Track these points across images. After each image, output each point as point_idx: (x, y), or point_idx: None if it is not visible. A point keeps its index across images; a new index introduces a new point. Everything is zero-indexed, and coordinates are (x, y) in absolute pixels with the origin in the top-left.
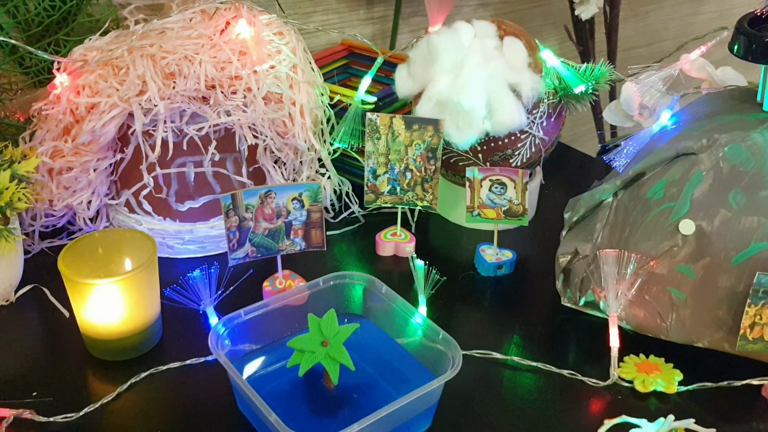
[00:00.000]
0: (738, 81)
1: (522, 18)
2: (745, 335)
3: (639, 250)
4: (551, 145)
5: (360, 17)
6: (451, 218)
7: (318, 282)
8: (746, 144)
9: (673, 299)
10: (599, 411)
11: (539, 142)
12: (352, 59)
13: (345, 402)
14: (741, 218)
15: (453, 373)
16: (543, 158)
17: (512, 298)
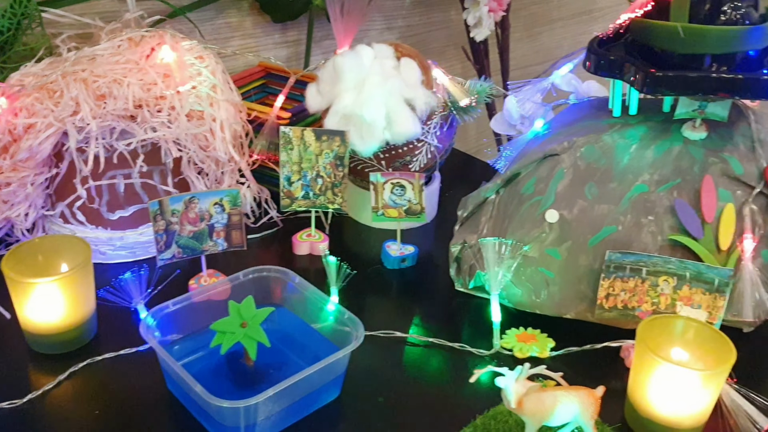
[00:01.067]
0: (600, 93)
1: (425, 40)
2: (602, 305)
3: (514, 237)
4: (445, 151)
5: (275, 41)
6: (360, 219)
7: (238, 276)
8: (598, 145)
9: (545, 277)
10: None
11: (434, 149)
12: (268, 79)
13: (263, 377)
14: (594, 207)
15: (355, 345)
16: (438, 163)
17: (414, 286)
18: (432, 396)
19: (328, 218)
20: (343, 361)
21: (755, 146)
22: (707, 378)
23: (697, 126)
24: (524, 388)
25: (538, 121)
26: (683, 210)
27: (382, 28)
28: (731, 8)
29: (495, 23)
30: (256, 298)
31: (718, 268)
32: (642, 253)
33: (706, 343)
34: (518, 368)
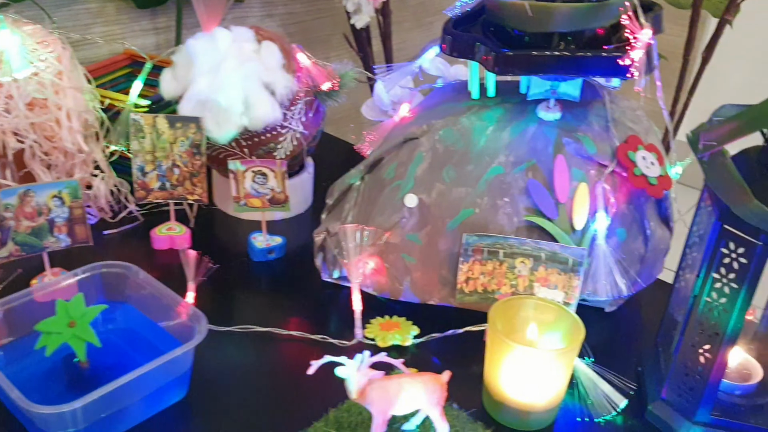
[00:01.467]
0: (468, 76)
1: (310, 28)
2: (462, 289)
3: (375, 224)
4: (313, 138)
5: (143, 27)
6: (229, 211)
7: (77, 272)
8: (456, 127)
9: (406, 264)
10: None
11: (300, 136)
12: (135, 68)
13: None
14: (452, 190)
15: (197, 341)
16: (307, 150)
17: (282, 279)
18: (287, 391)
19: (193, 210)
20: (185, 359)
21: (609, 126)
22: (556, 357)
23: (551, 106)
24: (366, 378)
25: (404, 105)
26: (536, 190)
27: (261, 15)
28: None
29: (376, 10)
30: (98, 294)
31: (571, 248)
32: (498, 235)
33: (558, 323)
34: (358, 357)
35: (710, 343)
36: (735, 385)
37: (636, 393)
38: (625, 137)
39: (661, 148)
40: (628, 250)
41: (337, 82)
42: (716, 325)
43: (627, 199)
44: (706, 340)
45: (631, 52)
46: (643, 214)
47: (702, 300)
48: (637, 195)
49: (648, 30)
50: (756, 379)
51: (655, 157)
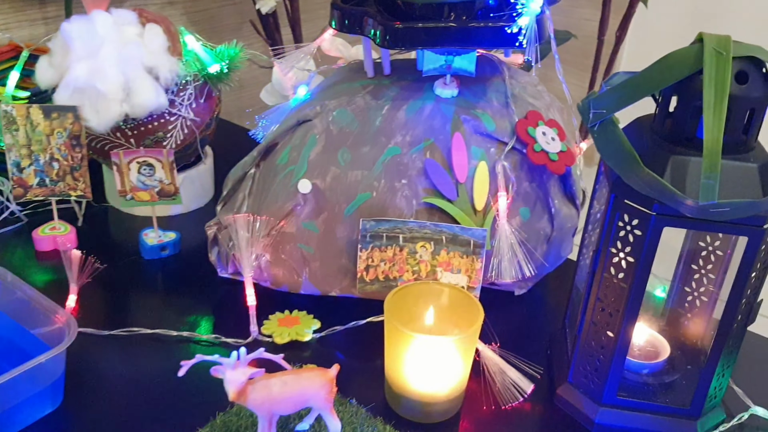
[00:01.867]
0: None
1: (217, 16)
2: (363, 278)
3: (269, 213)
4: (206, 126)
5: (31, 18)
6: (122, 208)
7: None
8: (351, 107)
9: (304, 254)
10: None
11: (191, 123)
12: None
13: None
14: (348, 173)
15: (63, 346)
16: (202, 140)
17: (177, 277)
18: (173, 396)
19: (82, 207)
20: (55, 366)
21: (509, 102)
22: (454, 344)
23: (448, 83)
24: (244, 377)
25: (301, 88)
26: (435, 171)
27: (162, 2)
28: None
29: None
30: None
31: (472, 229)
32: (397, 219)
33: (457, 307)
34: (233, 354)
35: (611, 320)
36: (642, 363)
37: (545, 378)
38: (525, 113)
39: (564, 124)
40: (532, 230)
41: (226, 63)
42: (616, 302)
43: (529, 176)
44: (607, 317)
45: (518, 20)
46: (546, 192)
47: (600, 276)
48: (539, 172)
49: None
50: (664, 356)
51: (556, 133)
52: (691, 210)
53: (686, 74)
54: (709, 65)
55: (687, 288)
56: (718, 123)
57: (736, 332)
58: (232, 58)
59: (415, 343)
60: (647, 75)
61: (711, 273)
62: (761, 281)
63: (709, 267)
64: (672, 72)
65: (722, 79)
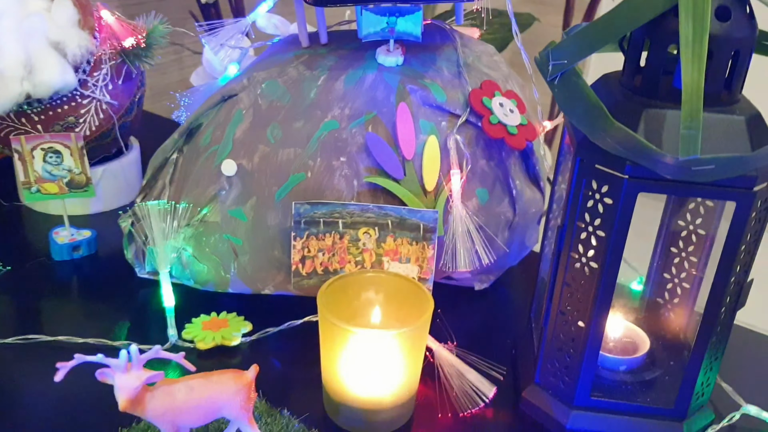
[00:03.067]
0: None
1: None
2: (299, 271)
3: (190, 199)
4: (126, 110)
5: None
6: (36, 206)
7: None
8: (282, 79)
9: (231, 246)
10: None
11: (107, 107)
12: None
13: None
14: (279, 152)
15: None
16: (121, 125)
17: (91, 279)
18: (72, 412)
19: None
20: None
21: (461, 71)
22: (399, 339)
23: (392, 50)
24: (139, 381)
25: (232, 66)
26: (377, 146)
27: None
28: None
29: None
30: None
31: (421, 211)
32: (335, 201)
33: (405, 299)
34: (123, 354)
35: (581, 308)
36: (619, 359)
37: (509, 379)
38: (480, 83)
39: (525, 99)
40: (492, 214)
41: (143, 38)
42: (585, 286)
43: (486, 153)
44: (576, 304)
45: None
46: (506, 171)
47: (567, 256)
48: (497, 148)
49: None
50: (643, 350)
51: (514, 104)
52: (669, 169)
53: (658, 12)
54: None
55: (666, 274)
56: (698, 63)
57: (723, 318)
58: (152, 32)
59: (354, 340)
60: (613, 17)
61: (693, 255)
62: (752, 256)
63: (690, 249)
64: (642, 10)
65: (701, 12)
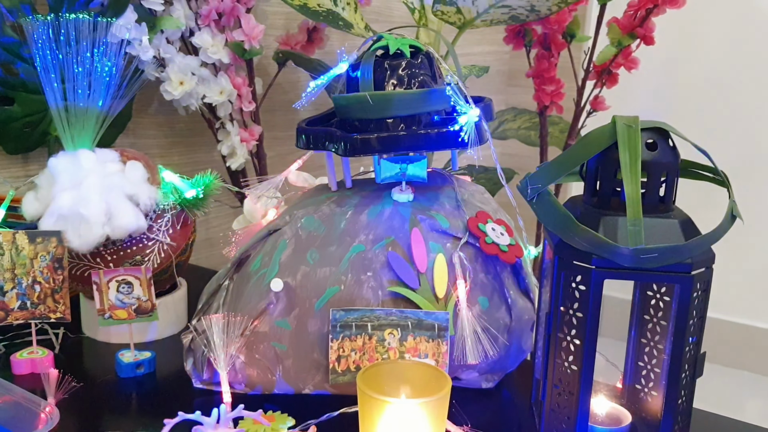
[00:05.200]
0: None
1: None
2: (335, 369)
3: (243, 313)
4: (181, 251)
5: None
6: (98, 337)
7: None
8: (317, 215)
9: (277, 352)
10: None
11: (168, 248)
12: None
13: None
14: (317, 270)
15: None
16: (177, 264)
17: (153, 392)
18: None
19: (59, 338)
20: None
21: (460, 205)
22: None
23: (404, 189)
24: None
25: (271, 210)
26: (397, 262)
27: None
28: (408, 76)
29: (250, 152)
30: None
31: (435, 313)
32: (364, 308)
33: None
34: (214, 411)
35: (571, 380)
36: (607, 429)
37: None
38: (475, 213)
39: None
40: (492, 319)
41: (201, 189)
42: (573, 360)
43: (484, 268)
44: (567, 377)
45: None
46: (502, 283)
47: (555, 336)
48: (493, 264)
49: (475, 109)
50: (626, 423)
51: (504, 229)
52: (624, 258)
53: (604, 147)
54: (621, 135)
55: (640, 362)
56: (634, 178)
57: (685, 385)
58: (207, 185)
59: (388, 410)
60: (572, 152)
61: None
62: (700, 331)
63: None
64: (592, 146)
65: (634, 144)
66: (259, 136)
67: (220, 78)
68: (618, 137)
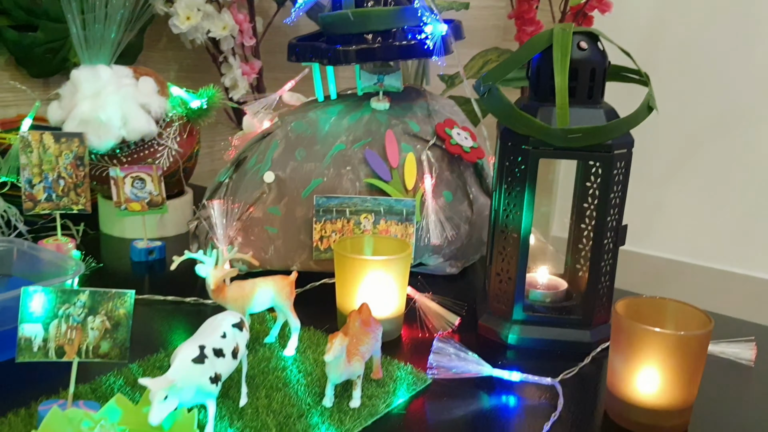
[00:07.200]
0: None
1: None
2: (318, 247)
3: (241, 201)
4: (188, 158)
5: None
6: (114, 233)
7: None
8: (305, 120)
9: (269, 234)
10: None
11: (176, 153)
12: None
13: None
14: (304, 165)
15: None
16: (184, 169)
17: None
18: None
19: (79, 232)
20: None
21: (431, 113)
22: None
23: (381, 98)
24: (222, 273)
25: (266, 121)
26: (373, 158)
27: None
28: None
29: (250, 85)
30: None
31: (403, 200)
32: (343, 196)
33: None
34: (214, 253)
35: (511, 244)
36: (544, 292)
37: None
38: (444, 120)
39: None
40: (455, 211)
41: (205, 101)
42: (512, 228)
43: (449, 167)
44: (510, 242)
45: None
46: (465, 181)
47: (500, 210)
48: (457, 164)
49: (443, 24)
50: (562, 288)
51: (468, 135)
52: (555, 138)
53: (543, 47)
54: (556, 36)
55: (582, 225)
56: (563, 71)
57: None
58: (211, 97)
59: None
60: (517, 54)
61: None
62: (621, 206)
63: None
64: (533, 47)
65: (565, 43)
66: (258, 70)
67: (223, 14)
68: (554, 38)
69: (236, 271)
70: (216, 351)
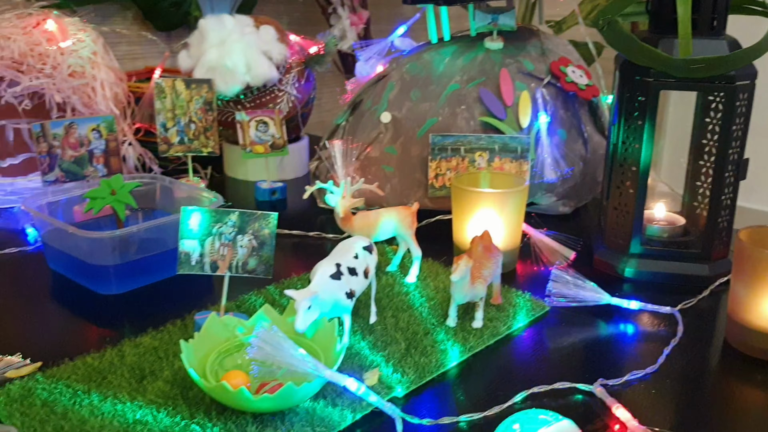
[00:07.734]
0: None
1: None
2: (433, 185)
3: (359, 141)
4: (305, 103)
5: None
6: (238, 176)
7: None
8: (420, 61)
9: (386, 173)
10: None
11: (294, 99)
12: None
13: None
14: (419, 105)
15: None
16: (302, 115)
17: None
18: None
19: (207, 175)
20: None
21: (544, 52)
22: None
23: (495, 38)
24: (350, 203)
25: (379, 66)
26: (487, 97)
27: None
28: None
29: (358, 35)
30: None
31: (518, 137)
32: (458, 134)
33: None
34: (342, 184)
35: (630, 178)
36: (663, 227)
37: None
38: (558, 58)
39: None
40: (570, 149)
41: (322, 47)
42: (632, 161)
43: (564, 105)
44: (628, 176)
45: None
46: (579, 119)
47: (619, 143)
48: (572, 102)
49: None
50: (679, 224)
51: (583, 73)
52: (676, 68)
53: None
54: None
55: (700, 161)
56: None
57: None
58: (327, 44)
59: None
60: None
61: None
62: (743, 136)
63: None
64: None
65: None
66: (366, 20)
67: None
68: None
69: (363, 200)
70: (350, 269)
